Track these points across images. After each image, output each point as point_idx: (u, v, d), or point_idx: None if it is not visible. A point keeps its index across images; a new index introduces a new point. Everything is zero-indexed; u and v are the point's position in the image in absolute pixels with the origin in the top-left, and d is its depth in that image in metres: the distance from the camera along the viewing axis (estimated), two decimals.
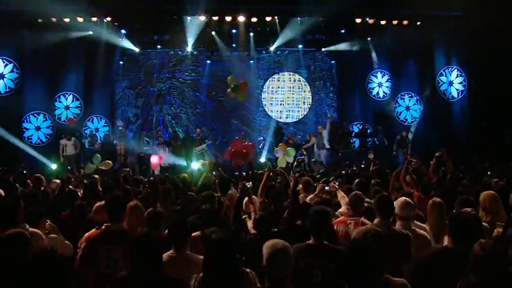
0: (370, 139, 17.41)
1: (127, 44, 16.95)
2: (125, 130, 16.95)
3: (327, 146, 15.78)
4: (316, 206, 4.09)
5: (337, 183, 6.51)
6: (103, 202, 4.64)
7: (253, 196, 5.67)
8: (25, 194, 6.06)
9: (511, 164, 10.55)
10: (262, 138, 18.01)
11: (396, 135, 16.36)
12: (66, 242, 4.67)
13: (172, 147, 16.43)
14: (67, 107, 16.91)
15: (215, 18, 15.99)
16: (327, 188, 6.47)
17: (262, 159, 16.28)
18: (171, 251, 3.65)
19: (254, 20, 16.27)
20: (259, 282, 3.12)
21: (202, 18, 15.85)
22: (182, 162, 15.11)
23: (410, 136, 16.50)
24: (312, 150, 16.41)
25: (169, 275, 3.01)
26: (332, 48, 18.13)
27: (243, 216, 5.29)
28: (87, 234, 4.64)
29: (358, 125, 18.27)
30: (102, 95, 17.53)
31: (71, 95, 16.91)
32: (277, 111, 19.16)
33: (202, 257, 3.50)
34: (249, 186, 5.74)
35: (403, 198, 4.66)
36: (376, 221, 4.22)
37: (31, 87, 15.87)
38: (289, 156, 14.12)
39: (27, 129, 16.10)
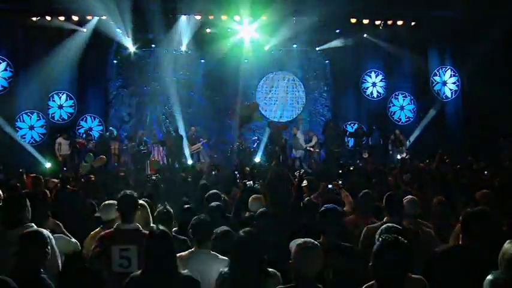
0: (364, 138, 17.49)
1: (121, 42, 16.86)
2: (119, 135, 16.89)
3: (304, 147, 15.74)
4: (328, 205, 4.10)
5: (340, 182, 6.55)
6: (110, 201, 4.63)
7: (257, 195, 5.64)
8: (27, 194, 6.02)
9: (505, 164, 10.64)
10: (256, 137, 18.01)
11: (391, 134, 16.47)
12: (73, 240, 4.65)
13: (167, 147, 16.42)
14: (60, 106, 16.78)
15: (211, 17, 15.94)
16: (329, 186, 6.49)
17: (257, 159, 16.29)
18: (193, 248, 3.67)
19: (249, 19, 16.25)
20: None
21: (198, 17, 15.81)
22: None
23: (408, 143, 16.51)
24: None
25: (185, 273, 3.00)
26: (326, 46, 18.16)
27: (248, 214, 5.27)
28: (93, 232, 4.65)
29: (352, 125, 18.32)
30: (95, 94, 17.43)
31: (65, 94, 16.77)
32: (271, 110, 19.15)
33: (221, 256, 3.54)
34: (249, 184, 5.75)
35: (410, 196, 4.72)
36: (385, 219, 4.24)
37: (24, 86, 15.72)
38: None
39: (20, 128, 15.95)
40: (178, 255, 3.59)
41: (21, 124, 15.97)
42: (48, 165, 14.24)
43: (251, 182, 5.92)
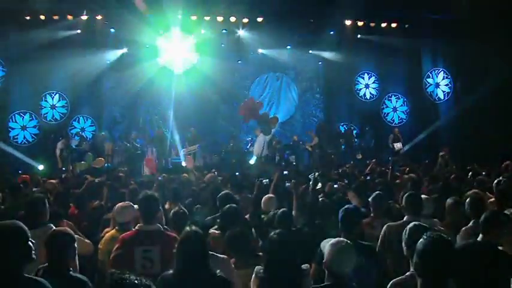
0: (357, 140, 17.59)
1: (115, 42, 16.74)
2: (112, 136, 16.86)
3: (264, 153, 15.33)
4: (349, 205, 4.14)
5: (345, 182, 6.59)
6: (125, 203, 4.60)
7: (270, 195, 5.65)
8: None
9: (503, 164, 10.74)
10: (250, 138, 17.98)
11: (384, 135, 16.62)
12: (86, 240, 4.62)
13: (157, 146, 16.39)
14: (53, 106, 16.60)
15: (206, 18, 15.92)
16: (335, 186, 6.54)
17: (252, 161, 16.25)
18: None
19: (245, 20, 16.27)
20: None
21: (194, 18, 15.79)
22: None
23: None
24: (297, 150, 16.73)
25: (217, 274, 2.99)
26: (319, 52, 18.42)
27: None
28: (108, 235, 4.60)
29: (345, 126, 18.42)
30: (88, 94, 17.20)
31: (58, 94, 16.60)
32: (264, 111, 19.10)
33: (222, 256, 3.54)
34: (265, 182, 5.76)
35: (424, 196, 4.77)
36: (406, 218, 4.27)
37: (17, 85, 15.56)
38: None
39: (13, 128, 15.77)
40: None
41: (13, 124, 15.79)
42: (40, 167, 14.04)
43: (267, 180, 5.91)
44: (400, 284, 2.94)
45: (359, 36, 17.38)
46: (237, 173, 9.37)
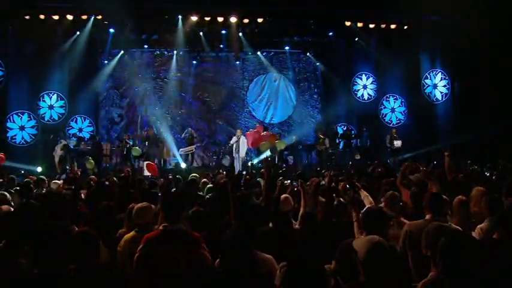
0: (354, 140, 17.66)
1: (113, 43, 16.69)
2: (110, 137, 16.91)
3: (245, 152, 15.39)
4: (373, 206, 4.15)
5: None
6: (144, 204, 4.55)
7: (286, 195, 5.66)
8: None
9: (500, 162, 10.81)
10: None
11: (382, 135, 16.71)
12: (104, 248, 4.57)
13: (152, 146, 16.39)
14: (51, 107, 16.48)
15: (207, 18, 15.91)
16: (347, 185, 6.52)
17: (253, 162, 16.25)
18: None
19: (246, 21, 16.28)
20: None
21: (194, 18, 15.79)
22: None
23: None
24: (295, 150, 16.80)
25: (261, 273, 3.01)
26: (317, 53, 18.62)
27: None
28: (128, 236, 4.52)
29: (343, 127, 18.48)
30: (86, 94, 17.05)
31: (55, 94, 16.48)
32: (262, 111, 19.18)
33: (268, 255, 3.54)
34: (287, 183, 5.75)
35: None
36: (428, 217, 4.28)
37: (15, 85, 15.43)
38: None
39: (11, 128, 15.63)
40: None
41: (11, 124, 15.64)
42: (39, 169, 13.89)
43: (289, 180, 5.90)
44: (430, 285, 2.94)
45: (358, 37, 17.48)
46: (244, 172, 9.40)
